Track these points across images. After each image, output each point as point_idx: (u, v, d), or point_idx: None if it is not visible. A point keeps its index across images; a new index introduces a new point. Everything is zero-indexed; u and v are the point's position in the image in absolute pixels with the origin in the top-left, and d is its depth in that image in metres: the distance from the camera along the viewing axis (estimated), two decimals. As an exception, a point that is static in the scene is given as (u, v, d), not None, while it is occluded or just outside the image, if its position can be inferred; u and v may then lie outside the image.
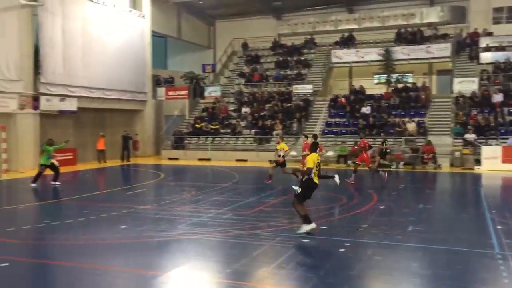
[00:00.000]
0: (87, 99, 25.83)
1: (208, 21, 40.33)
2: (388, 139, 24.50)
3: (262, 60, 35.34)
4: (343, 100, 28.65)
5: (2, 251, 8.50)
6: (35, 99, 22.73)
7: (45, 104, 23.09)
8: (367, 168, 17.95)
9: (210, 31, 40.95)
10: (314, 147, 9.80)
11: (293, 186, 9.60)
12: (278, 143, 17.14)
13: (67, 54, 24.40)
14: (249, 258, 8.01)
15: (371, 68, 31.14)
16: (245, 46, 36.78)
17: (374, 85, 32.18)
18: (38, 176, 16.47)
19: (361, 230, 9.83)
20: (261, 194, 14.68)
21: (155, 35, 33.58)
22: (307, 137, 17.50)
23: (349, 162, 23.11)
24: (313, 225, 9.13)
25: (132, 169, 24.46)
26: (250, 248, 8.67)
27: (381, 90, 29.98)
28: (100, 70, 26.59)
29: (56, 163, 17.40)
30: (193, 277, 7.19)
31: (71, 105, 24.54)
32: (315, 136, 16.38)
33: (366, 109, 27.20)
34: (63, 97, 24.09)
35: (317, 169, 9.27)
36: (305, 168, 9.53)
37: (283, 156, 16.50)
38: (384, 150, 21.35)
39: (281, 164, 16.51)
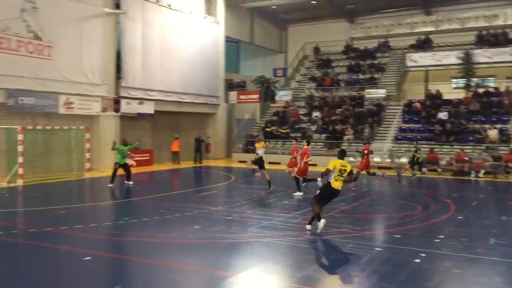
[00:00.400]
0: (163, 102, 26.91)
1: (280, 26, 40.54)
2: (460, 148, 23.36)
3: (333, 64, 34.98)
4: (418, 105, 27.67)
5: (85, 245, 9.03)
6: (116, 102, 24.01)
7: (125, 107, 24.33)
8: (365, 173, 17.64)
9: (282, 35, 41.13)
10: (341, 154, 9.94)
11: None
12: (257, 141, 16.19)
13: (146, 60, 25.57)
14: (321, 264, 7.94)
15: (449, 71, 29.84)
16: (316, 50, 36.60)
17: (452, 90, 30.77)
18: (114, 174, 17.11)
19: (438, 241, 9.42)
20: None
21: (228, 40, 34.28)
22: (297, 140, 17.52)
23: (424, 169, 22.26)
24: (323, 221, 9.51)
25: (204, 171, 25.08)
26: (321, 254, 8.60)
27: (460, 95, 28.58)
28: (176, 75, 27.61)
29: (134, 163, 18.12)
30: (263, 280, 7.23)
31: (148, 108, 25.68)
32: (308, 141, 15.87)
33: (443, 115, 26.06)
34: (141, 100, 25.26)
35: (340, 174, 9.45)
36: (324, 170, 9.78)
37: (258, 154, 15.69)
38: (415, 159, 20.62)
39: (258, 162, 15.72)
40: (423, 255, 8.28)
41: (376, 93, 29.64)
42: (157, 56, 26.37)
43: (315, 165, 25.55)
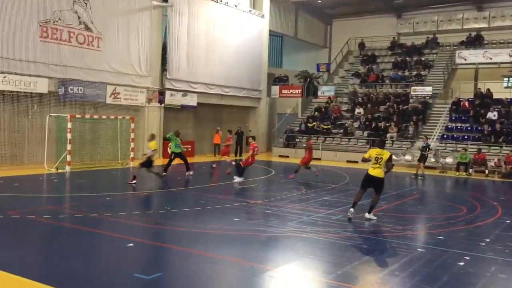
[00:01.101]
0: (206, 95, 27.21)
1: (325, 20, 40.09)
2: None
3: (379, 60, 34.34)
4: (466, 103, 26.79)
5: (128, 232, 9.27)
6: (161, 93, 24.46)
7: (169, 98, 24.75)
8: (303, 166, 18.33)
9: (327, 30, 40.68)
10: (380, 143, 11.21)
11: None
12: (149, 141, 15.92)
13: (191, 53, 25.90)
14: (361, 262, 7.85)
15: (501, 70, 28.74)
16: (361, 45, 35.99)
17: (503, 89, 29.61)
18: (169, 163, 17.59)
19: (483, 244, 9.12)
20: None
21: (272, 34, 34.20)
22: (230, 132, 22.44)
23: (471, 170, 21.57)
24: (351, 210, 10.63)
25: (244, 164, 25.12)
26: (362, 252, 8.49)
27: (512, 94, 27.51)
28: (220, 68, 27.84)
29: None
30: (302, 275, 7.21)
31: (191, 100, 26.04)
32: (253, 137, 19.47)
33: (492, 115, 25.15)
34: (185, 92, 25.63)
35: (376, 162, 10.43)
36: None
37: (149, 156, 15.35)
38: (426, 156, 20.24)
39: (145, 164, 15.42)
40: (467, 258, 8.05)
41: (422, 91, 28.93)
42: (202, 49, 26.66)
43: (356, 162, 25.57)
